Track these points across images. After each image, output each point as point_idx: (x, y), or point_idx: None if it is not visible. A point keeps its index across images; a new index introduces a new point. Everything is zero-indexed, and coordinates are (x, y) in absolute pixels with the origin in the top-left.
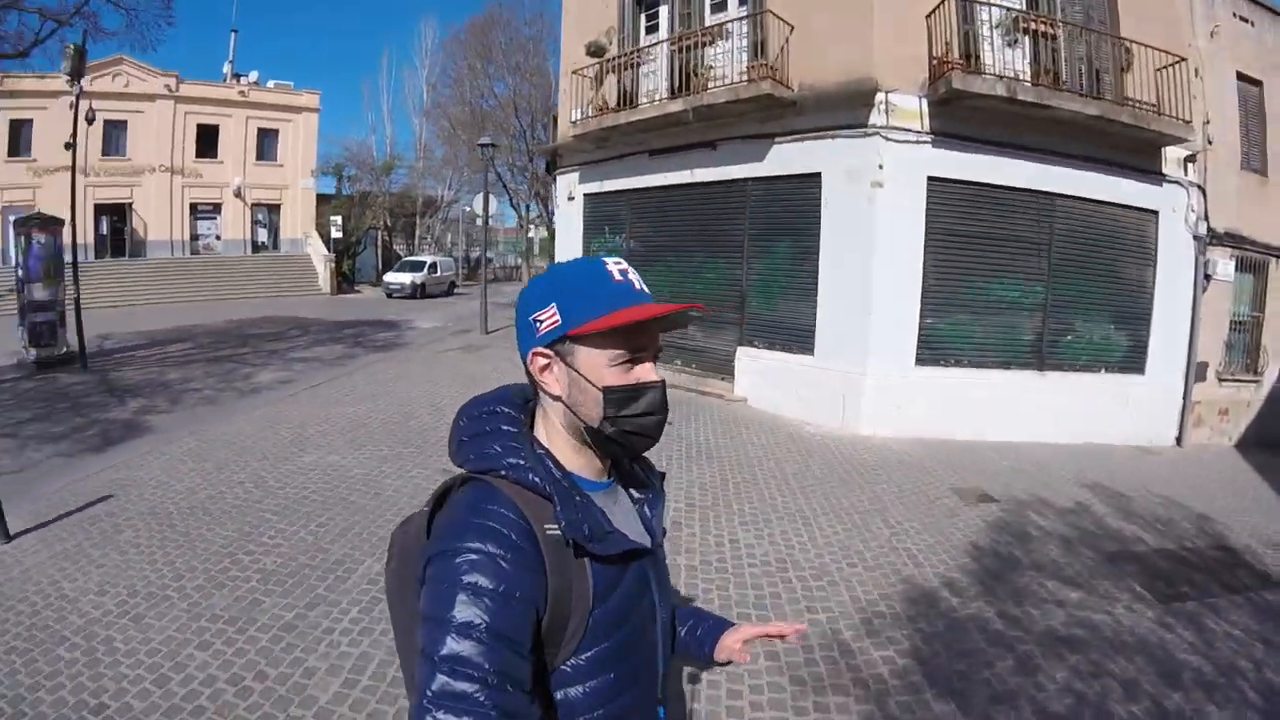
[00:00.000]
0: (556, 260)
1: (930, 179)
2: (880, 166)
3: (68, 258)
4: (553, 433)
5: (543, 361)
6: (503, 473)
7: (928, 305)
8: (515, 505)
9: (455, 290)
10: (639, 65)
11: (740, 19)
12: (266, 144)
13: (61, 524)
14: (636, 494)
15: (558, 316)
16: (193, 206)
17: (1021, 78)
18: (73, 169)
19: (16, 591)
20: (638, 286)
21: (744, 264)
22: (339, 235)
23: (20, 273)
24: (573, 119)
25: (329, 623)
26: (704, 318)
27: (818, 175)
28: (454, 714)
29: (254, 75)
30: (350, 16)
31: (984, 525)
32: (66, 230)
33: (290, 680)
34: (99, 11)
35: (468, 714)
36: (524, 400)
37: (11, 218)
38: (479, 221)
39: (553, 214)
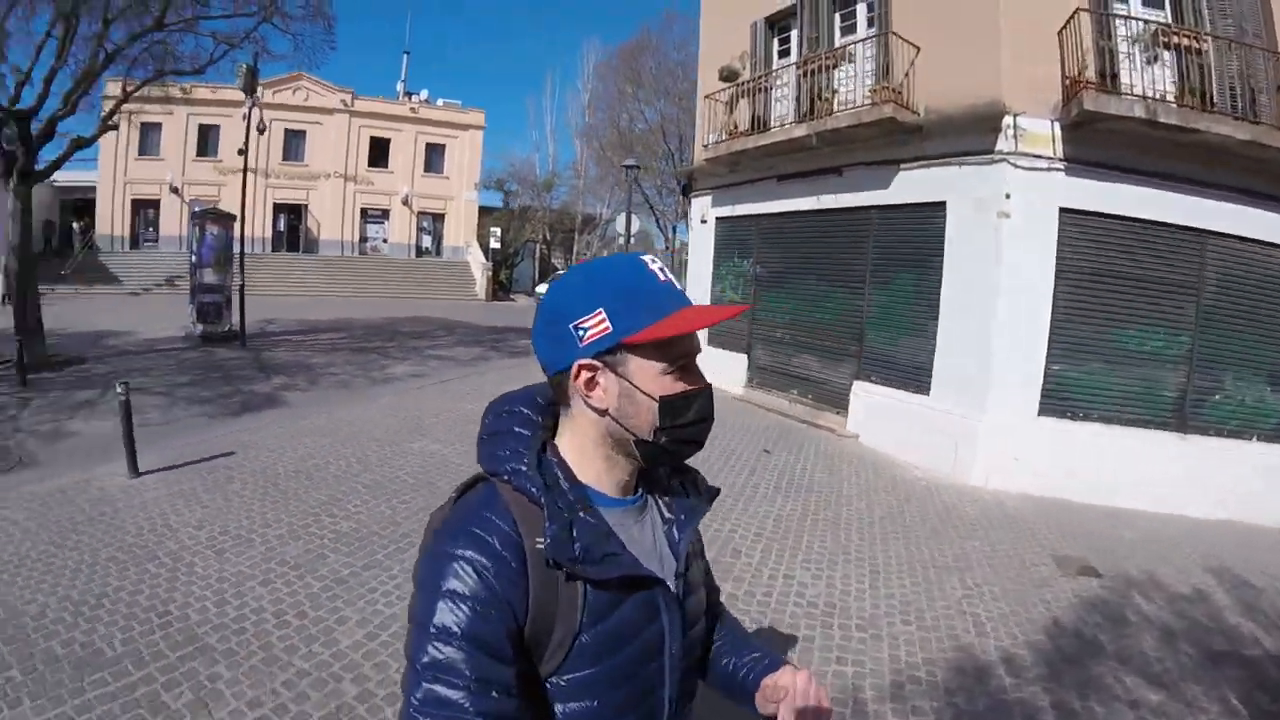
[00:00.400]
0: (689, 279)
1: (1063, 210)
2: (1007, 196)
3: (237, 249)
4: (582, 444)
5: (589, 374)
6: (505, 477)
7: (1055, 350)
8: (510, 514)
9: None
10: (769, 90)
11: (866, 39)
12: (434, 157)
13: (184, 469)
14: (668, 513)
15: (607, 323)
16: (363, 211)
17: (1165, 98)
18: (244, 172)
19: (130, 516)
20: (678, 285)
21: (865, 295)
22: (497, 245)
23: (194, 259)
24: (704, 143)
25: (375, 583)
26: (823, 349)
27: (942, 204)
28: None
29: (424, 94)
30: (520, 38)
31: (1075, 601)
32: (239, 225)
33: (323, 624)
34: (267, 35)
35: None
36: (547, 402)
37: (197, 208)
38: (622, 240)
39: None
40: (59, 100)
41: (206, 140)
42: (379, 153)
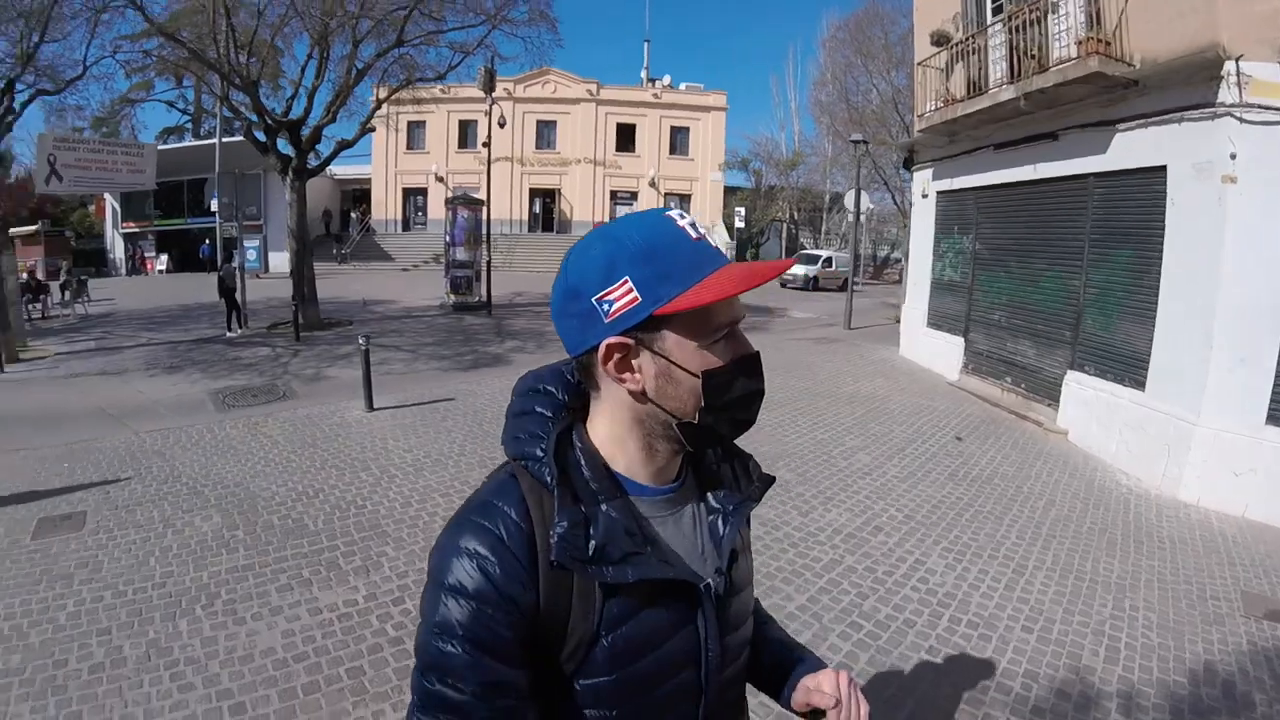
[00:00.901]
0: (911, 258)
1: None
2: (1232, 156)
3: (497, 230)
4: (613, 429)
5: (620, 353)
6: (524, 463)
7: None
8: (524, 504)
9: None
10: (980, 51)
11: None
12: (679, 140)
13: (410, 409)
14: (714, 502)
15: (635, 293)
16: (612, 194)
17: None
18: (488, 163)
19: (356, 438)
20: (713, 243)
21: (1083, 274)
22: (742, 225)
23: (448, 239)
24: (920, 113)
25: None
26: (1037, 334)
27: (1162, 169)
28: None
29: (667, 79)
30: (760, 14)
31: (1246, 647)
32: (485, 209)
33: None
34: (497, 41)
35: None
36: (576, 380)
37: (459, 194)
38: (851, 218)
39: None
40: (322, 110)
41: (466, 134)
42: (625, 138)
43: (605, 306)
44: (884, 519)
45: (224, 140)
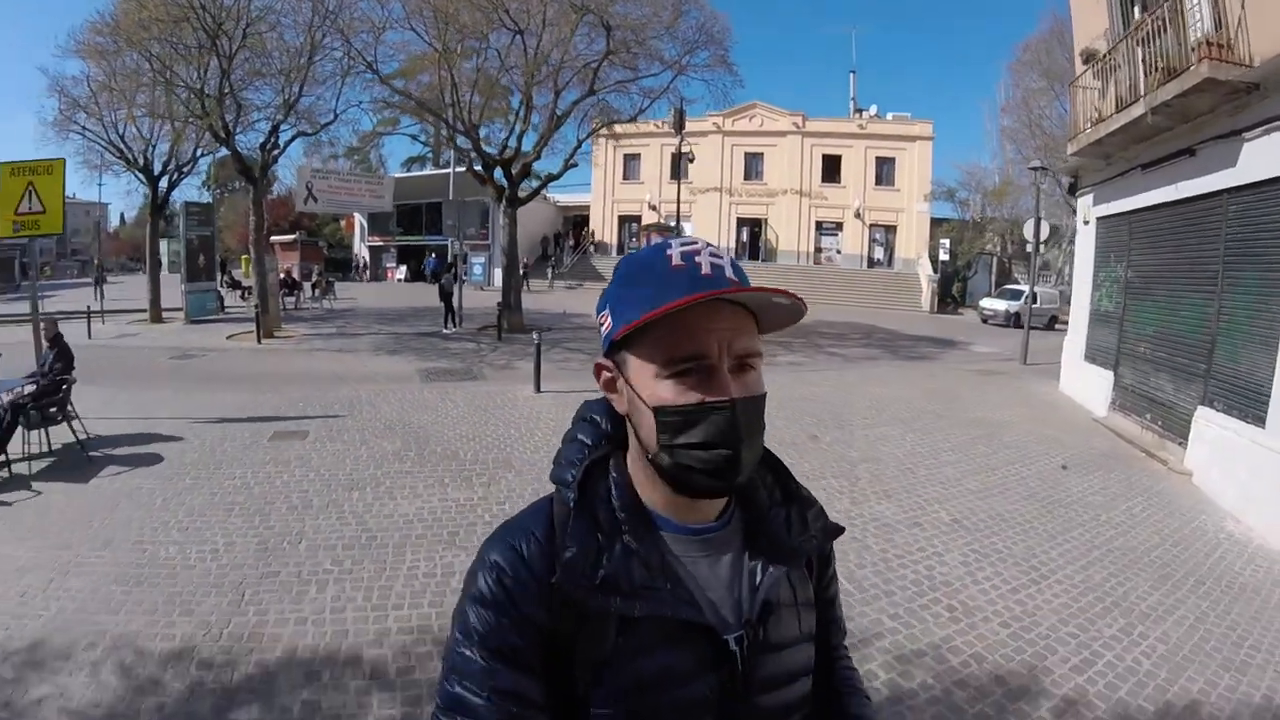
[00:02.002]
0: (1074, 288)
1: None
2: None
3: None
4: (632, 458)
5: (606, 374)
6: (558, 488)
7: None
8: (551, 526)
9: (1057, 325)
10: (1125, 65)
11: None
12: (884, 170)
13: (571, 394)
14: (760, 548)
15: (610, 318)
16: (817, 224)
17: None
18: (677, 200)
19: (519, 410)
20: (706, 271)
21: (1216, 300)
22: (946, 258)
23: None
24: (1070, 136)
25: None
26: (1174, 366)
27: None
28: None
29: (873, 109)
30: (968, 41)
31: (1253, 699)
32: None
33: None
34: (682, 85)
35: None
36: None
37: (670, 222)
38: (1032, 248)
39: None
40: (530, 149)
41: (677, 165)
42: (830, 169)
43: (601, 329)
44: (928, 519)
45: (455, 170)
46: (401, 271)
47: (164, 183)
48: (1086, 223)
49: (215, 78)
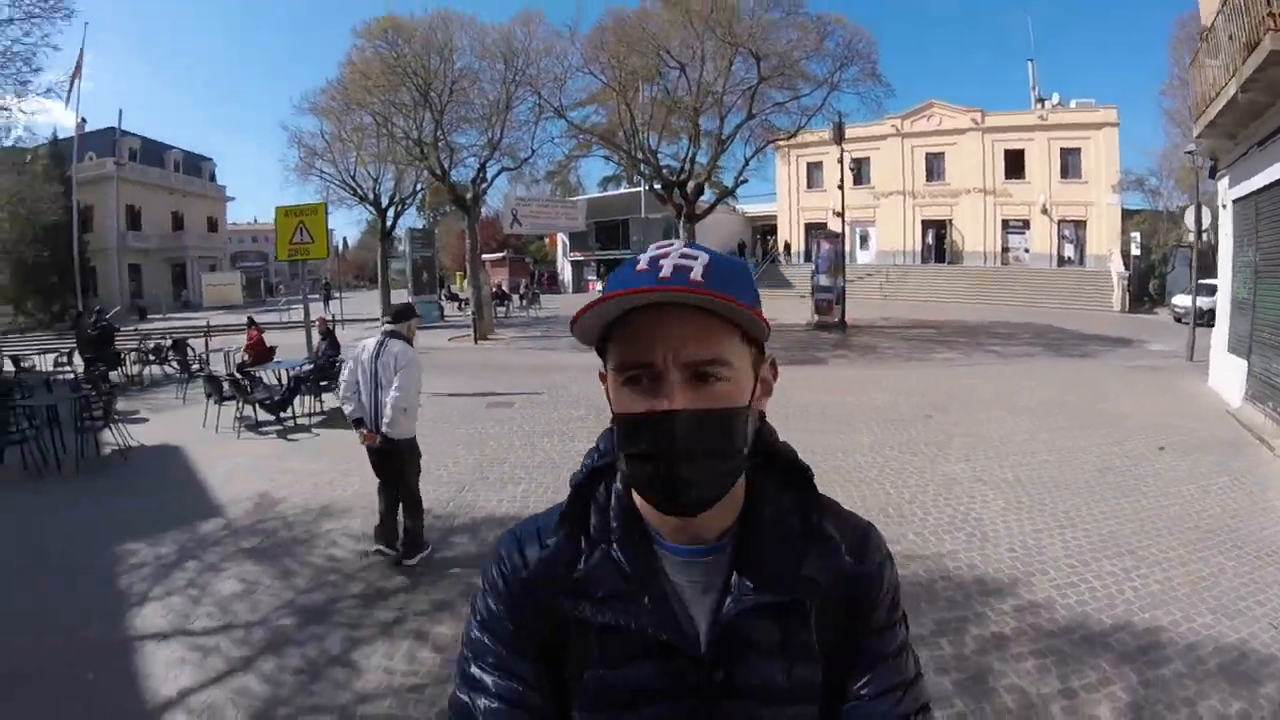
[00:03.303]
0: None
1: None
2: None
3: (871, 259)
4: None
5: (601, 380)
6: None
7: None
8: (556, 527)
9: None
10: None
11: None
12: (1070, 162)
13: None
14: (741, 583)
15: None
16: (1004, 222)
17: None
18: (842, 208)
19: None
20: (665, 273)
21: None
22: (1139, 253)
23: (814, 267)
24: (1195, 116)
25: None
26: None
27: None
28: (467, 695)
29: (1055, 98)
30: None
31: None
32: (842, 240)
33: None
34: (837, 99)
35: (481, 696)
36: None
37: (858, 231)
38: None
39: None
40: (702, 168)
41: (860, 172)
42: (1014, 164)
43: None
44: (991, 477)
45: (643, 189)
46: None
47: (390, 212)
48: (1224, 207)
49: (429, 127)
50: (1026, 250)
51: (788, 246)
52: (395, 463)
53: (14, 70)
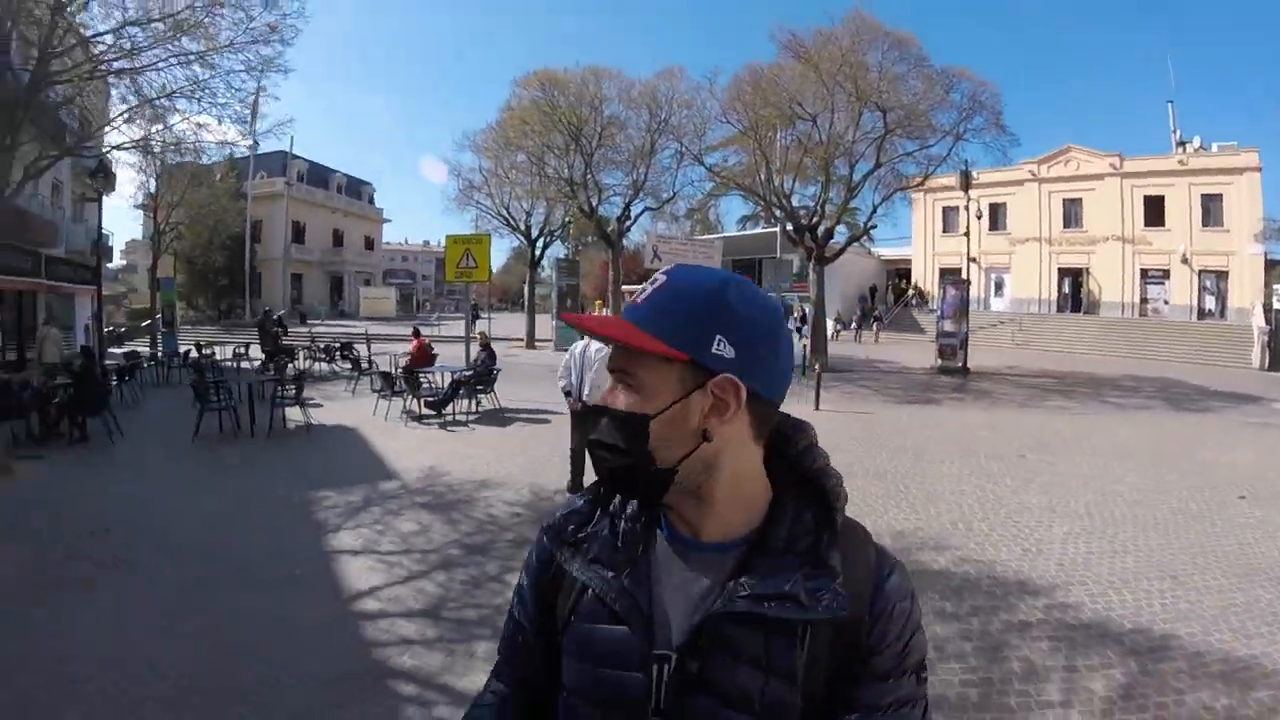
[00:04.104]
0: None
1: None
2: None
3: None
4: None
5: None
6: None
7: None
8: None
9: None
10: None
11: None
12: (1212, 208)
13: (841, 414)
14: (736, 590)
15: None
16: (1143, 271)
17: None
18: (966, 256)
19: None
20: (637, 300)
21: None
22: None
23: (938, 312)
24: None
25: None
26: None
27: None
28: (508, 613)
29: (1196, 141)
30: None
31: None
32: (968, 284)
33: None
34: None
35: (509, 617)
36: None
37: (993, 277)
38: None
39: None
40: (831, 214)
41: (996, 216)
42: (1153, 211)
43: None
44: (1063, 508)
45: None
46: None
47: (540, 242)
48: None
49: (580, 168)
50: (1166, 302)
51: (919, 291)
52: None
53: (233, 112)
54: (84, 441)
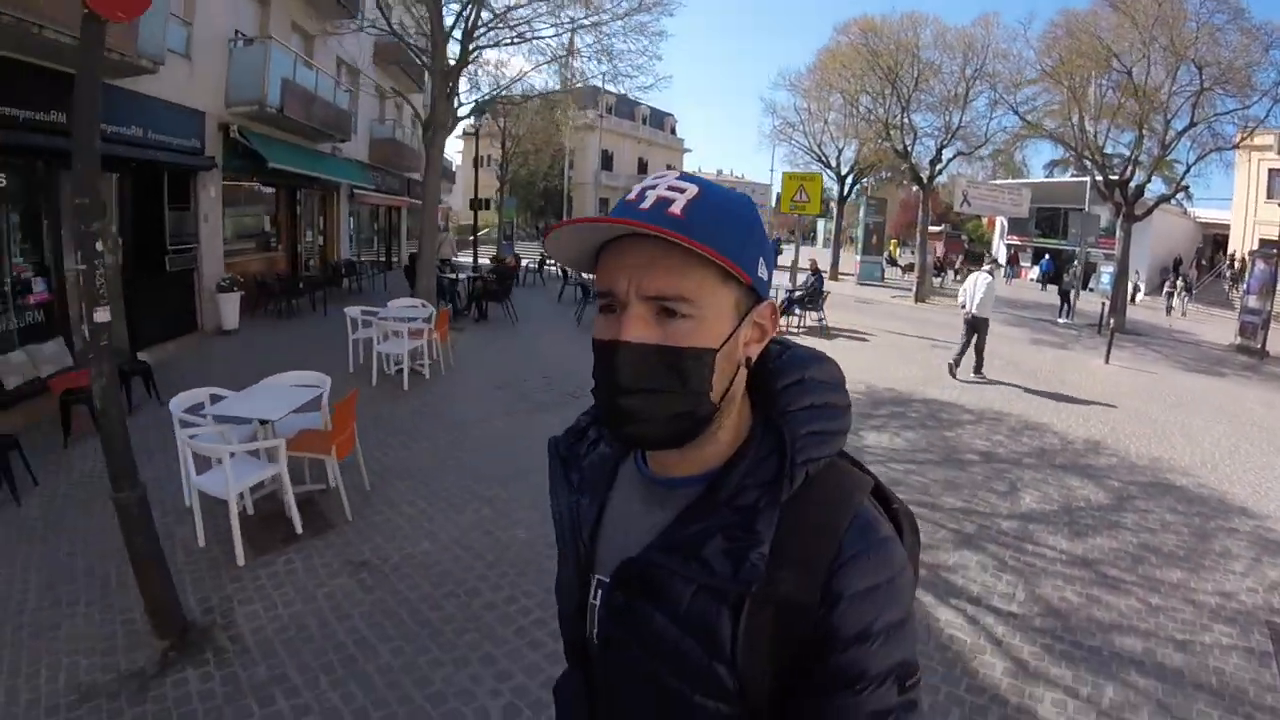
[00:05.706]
0: None
1: None
2: None
3: None
4: None
5: None
6: None
7: None
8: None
9: None
10: None
11: None
12: None
13: (1125, 369)
14: (676, 530)
15: None
16: None
17: None
18: None
19: (1090, 368)
20: (645, 205)
21: None
22: None
23: (1245, 286)
24: None
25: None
26: None
27: None
28: None
29: None
30: None
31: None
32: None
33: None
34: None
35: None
36: None
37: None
38: None
39: None
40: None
41: (1274, 183)
42: None
43: None
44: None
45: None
46: (1035, 272)
47: (849, 179)
48: None
49: (896, 111)
50: None
51: (1235, 261)
52: (977, 328)
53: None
54: (484, 320)
